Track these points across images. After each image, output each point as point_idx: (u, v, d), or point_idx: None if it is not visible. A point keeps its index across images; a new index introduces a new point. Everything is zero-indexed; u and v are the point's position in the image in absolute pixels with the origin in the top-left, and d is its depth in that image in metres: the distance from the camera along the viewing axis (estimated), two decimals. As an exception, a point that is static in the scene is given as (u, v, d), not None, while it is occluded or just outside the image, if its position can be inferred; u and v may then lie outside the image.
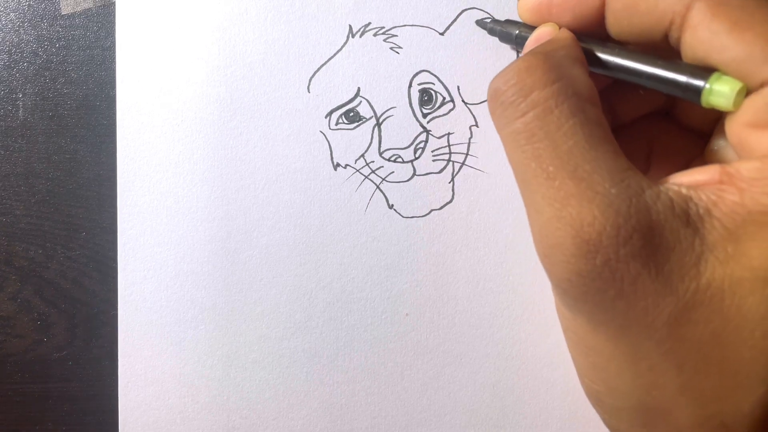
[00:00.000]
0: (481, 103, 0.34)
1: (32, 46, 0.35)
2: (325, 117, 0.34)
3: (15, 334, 0.34)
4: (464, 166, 0.34)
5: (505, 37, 0.30)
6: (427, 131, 0.34)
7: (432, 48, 0.34)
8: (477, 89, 0.34)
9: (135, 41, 0.34)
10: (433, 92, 0.34)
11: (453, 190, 0.34)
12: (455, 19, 0.34)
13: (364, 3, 0.34)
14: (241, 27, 0.34)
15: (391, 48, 0.34)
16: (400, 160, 0.34)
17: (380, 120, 0.34)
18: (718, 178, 0.21)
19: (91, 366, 0.34)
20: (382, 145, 0.34)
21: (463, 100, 0.34)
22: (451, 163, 0.34)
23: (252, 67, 0.34)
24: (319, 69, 0.34)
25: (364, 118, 0.34)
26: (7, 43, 0.35)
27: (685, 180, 0.22)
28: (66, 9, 0.35)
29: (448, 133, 0.34)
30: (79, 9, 0.35)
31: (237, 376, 0.34)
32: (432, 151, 0.34)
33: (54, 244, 0.34)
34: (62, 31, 0.35)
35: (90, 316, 0.34)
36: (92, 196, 0.35)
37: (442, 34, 0.34)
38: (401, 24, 0.34)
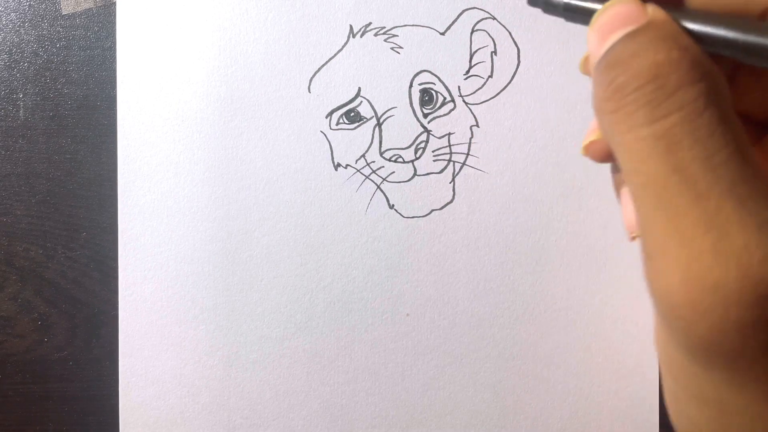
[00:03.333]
0: (482, 103, 0.34)
1: (33, 46, 0.35)
2: (326, 117, 0.34)
3: (15, 334, 0.34)
4: (465, 166, 0.34)
5: (550, 7, 0.22)
6: (427, 131, 0.34)
7: (432, 48, 0.34)
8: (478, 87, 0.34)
9: (135, 41, 0.34)
10: (433, 92, 0.34)
11: (454, 190, 0.34)
12: (456, 19, 0.34)
13: (364, 3, 0.34)
14: (241, 27, 0.34)
15: (392, 48, 0.34)
16: (400, 160, 0.34)
17: (381, 120, 0.34)
18: None
19: (92, 366, 0.34)
20: (382, 145, 0.34)
21: (463, 100, 0.34)
22: (451, 163, 0.34)
23: (252, 67, 0.34)
24: (319, 69, 0.34)
25: (365, 118, 0.34)
26: (8, 43, 0.35)
27: None
28: (67, 9, 0.35)
29: (449, 133, 0.34)
30: (79, 9, 0.35)
31: (237, 377, 0.34)
32: (433, 151, 0.34)
33: (54, 244, 0.34)
34: (63, 32, 0.35)
35: (90, 316, 0.34)
36: (92, 196, 0.35)
37: (442, 34, 0.34)
38: (402, 24, 0.34)
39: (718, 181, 0.17)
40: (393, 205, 0.34)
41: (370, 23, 0.34)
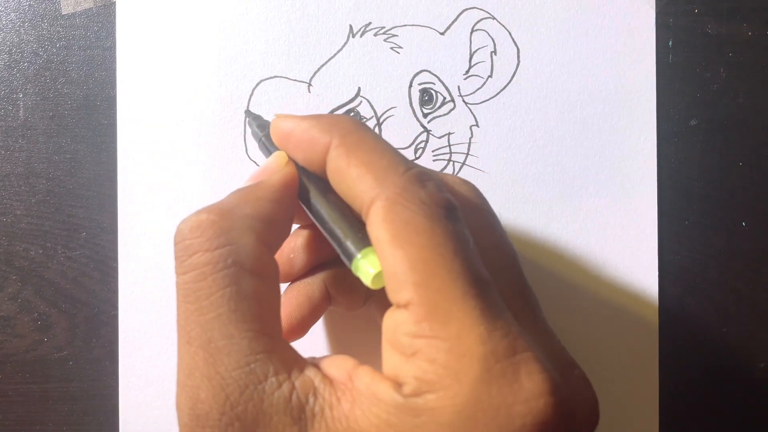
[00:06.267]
0: (482, 102, 0.34)
1: (33, 46, 0.35)
2: (326, 117, 0.34)
3: (15, 334, 0.34)
4: (465, 166, 0.34)
5: (254, 136, 0.29)
6: (427, 131, 0.34)
7: (432, 48, 0.34)
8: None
9: (135, 41, 0.34)
10: (433, 92, 0.34)
11: (453, 190, 0.34)
12: (455, 19, 0.34)
13: (364, 3, 0.34)
14: (241, 27, 0.34)
15: (392, 48, 0.34)
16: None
17: (381, 120, 0.34)
18: (346, 377, 0.21)
19: (92, 366, 0.34)
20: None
21: (463, 100, 0.34)
22: (451, 163, 0.34)
23: (252, 67, 0.34)
24: (319, 69, 0.34)
25: (365, 118, 0.34)
26: (8, 43, 0.35)
27: (327, 369, 0.22)
28: (66, 9, 0.35)
29: (449, 133, 0.34)
30: (79, 9, 0.35)
31: (237, 377, 0.34)
32: (432, 151, 0.34)
33: (54, 244, 0.34)
34: (63, 31, 0.35)
35: (90, 316, 0.34)
36: (92, 196, 0.35)
37: (442, 34, 0.34)
38: (401, 24, 0.34)
39: (202, 335, 0.21)
40: (393, 205, 0.34)
41: (369, 23, 0.34)
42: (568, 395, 0.20)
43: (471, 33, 0.34)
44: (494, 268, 0.22)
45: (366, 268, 0.22)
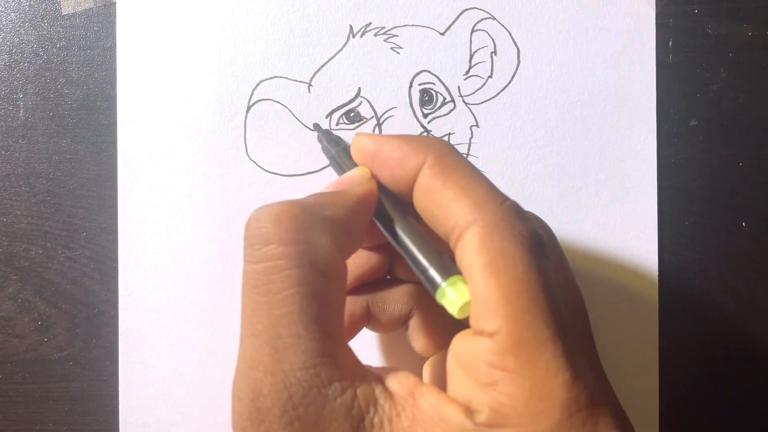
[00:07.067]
0: (482, 103, 0.34)
1: (33, 47, 0.35)
2: (326, 117, 0.34)
3: (15, 334, 0.34)
4: (465, 167, 0.34)
5: (325, 151, 0.29)
6: (427, 131, 0.34)
7: (432, 48, 0.34)
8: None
9: (135, 41, 0.34)
10: (433, 92, 0.34)
11: (453, 190, 0.34)
12: (456, 19, 0.34)
13: (364, 3, 0.34)
14: (241, 27, 0.34)
15: (392, 48, 0.34)
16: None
17: (381, 120, 0.34)
18: (408, 393, 0.21)
19: (92, 366, 0.34)
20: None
21: (463, 101, 0.34)
22: (451, 163, 0.34)
23: (252, 67, 0.34)
24: (319, 69, 0.34)
25: (365, 118, 0.34)
26: (8, 43, 0.35)
27: (388, 382, 0.22)
28: (67, 9, 0.35)
29: (449, 134, 0.34)
30: (79, 9, 0.35)
31: (237, 377, 0.34)
32: (432, 151, 0.34)
33: (54, 244, 0.34)
34: (63, 32, 0.35)
35: (90, 316, 0.34)
36: (92, 196, 0.35)
37: (442, 34, 0.34)
38: (402, 24, 0.34)
39: (270, 330, 0.21)
40: (393, 205, 0.34)
41: (370, 23, 0.34)
42: None
43: (471, 33, 0.34)
44: (565, 307, 0.22)
45: (451, 296, 0.22)
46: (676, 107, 0.34)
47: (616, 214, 0.34)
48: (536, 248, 0.21)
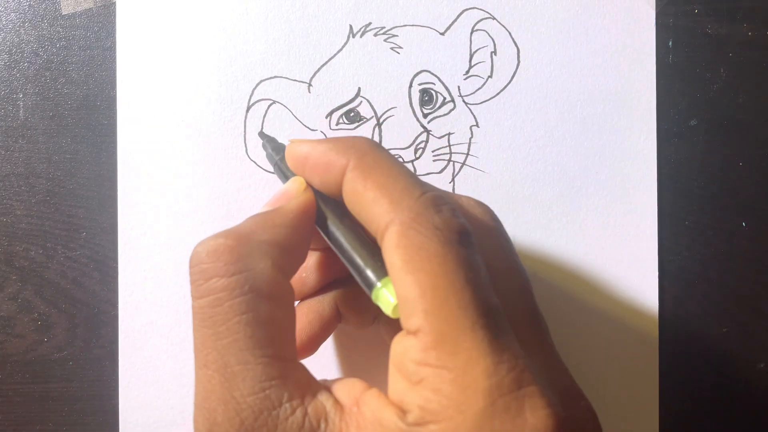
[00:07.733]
0: (482, 103, 0.34)
1: (33, 46, 0.35)
2: (326, 117, 0.34)
3: (15, 334, 0.34)
4: (465, 167, 0.34)
5: (269, 158, 0.29)
6: (427, 131, 0.34)
7: (432, 48, 0.34)
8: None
9: (135, 41, 0.34)
10: (433, 92, 0.34)
11: (453, 190, 0.34)
12: (455, 19, 0.34)
13: (364, 3, 0.34)
14: (241, 27, 0.34)
15: (392, 48, 0.34)
16: (400, 160, 0.34)
17: (381, 120, 0.34)
18: (353, 402, 0.22)
19: (92, 366, 0.34)
20: (382, 145, 0.34)
21: (463, 100, 0.34)
22: (451, 163, 0.34)
23: (252, 67, 0.34)
24: (319, 69, 0.34)
25: (365, 118, 0.34)
26: (8, 43, 0.35)
27: (337, 393, 0.22)
28: (66, 9, 0.35)
29: (449, 133, 0.34)
30: (79, 9, 0.35)
31: (237, 377, 0.34)
32: (432, 152, 0.34)
33: (54, 244, 0.34)
34: (63, 31, 0.35)
35: (90, 316, 0.34)
36: (92, 196, 0.35)
37: (442, 34, 0.34)
38: (402, 24, 0.34)
39: (218, 359, 0.21)
40: (393, 205, 0.34)
41: (369, 23, 0.34)
42: (572, 430, 0.20)
43: (471, 33, 0.34)
44: (506, 293, 0.22)
45: (386, 297, 0.22)
46: (676, 107, 0.34)
47: (616, 214, 0.34)
48: (455, 239, 0.21)
